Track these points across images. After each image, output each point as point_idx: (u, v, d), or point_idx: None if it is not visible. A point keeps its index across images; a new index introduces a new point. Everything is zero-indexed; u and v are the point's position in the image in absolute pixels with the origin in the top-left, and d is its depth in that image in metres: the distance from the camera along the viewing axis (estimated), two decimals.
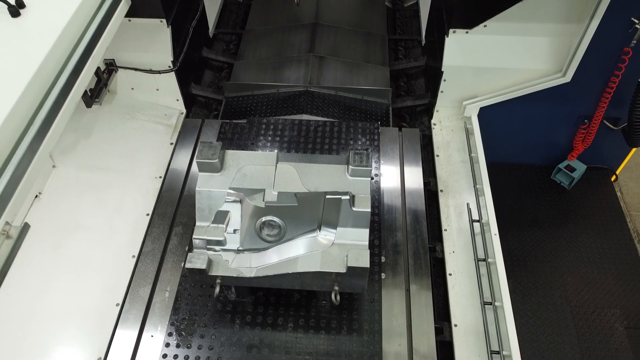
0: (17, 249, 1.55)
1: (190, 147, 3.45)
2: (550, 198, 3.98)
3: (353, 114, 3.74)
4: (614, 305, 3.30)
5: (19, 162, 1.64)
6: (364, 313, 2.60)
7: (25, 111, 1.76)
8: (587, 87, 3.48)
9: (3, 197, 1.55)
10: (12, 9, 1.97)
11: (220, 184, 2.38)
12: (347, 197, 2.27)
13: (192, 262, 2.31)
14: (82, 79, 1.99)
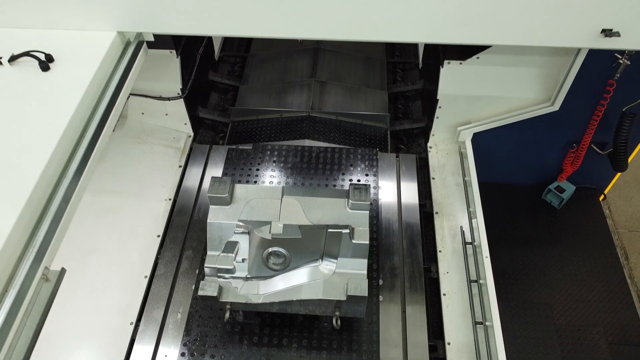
0: (56, 291, 1.74)
1: (199, 172, 3.64)
2: (540, 218, 4.17)
3: (353, 138, 3.93)
4: (599, 322, 3.49)
5: (56, 211, 1.83)
6: (363, 334, 2.79)
7: (59, 161, 1.95)
8: (574, 115, 3.66)
9: (43, 245, 1.74)
10: (42, 64, 2.17)
11: (229, 216, 2.57)
12: (347, 230, 2.46)
13: (204, 290, 2.50)
14: (109, 124, 2.18)
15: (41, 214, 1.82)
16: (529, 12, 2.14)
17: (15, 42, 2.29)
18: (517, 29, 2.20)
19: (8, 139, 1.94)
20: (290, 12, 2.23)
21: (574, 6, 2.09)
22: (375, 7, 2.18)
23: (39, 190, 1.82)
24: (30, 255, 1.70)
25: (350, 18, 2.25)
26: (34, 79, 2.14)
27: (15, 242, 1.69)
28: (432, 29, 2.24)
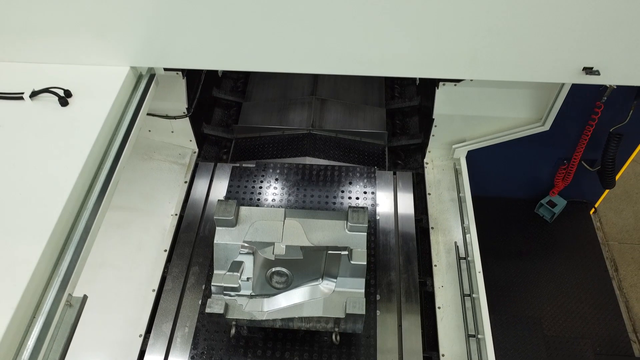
0: (79, 316, 1.89)
1: (205, 189, 3.79)
2: (533, 231, 4.32)
3: (352, 155, 4.09)
4: (587, 334, 3.65)
5: (78, 241, 1.98)
6: (361, 348, 2.95)
7: (79, 193, 2.11)
8: (564, 135, 3.82)
9: (67, 274, 1.89)
10: (61, 100, 2.32)
11: (235, 238, 2.73)
12: (346, 252, 2.62)
13: (211, 308, 2.66)
14: (124, 155, 2.33)
15: (64, 245, 1.97)
16: (515, 52, 2.29)
17: (36, 77, 2.45)
18: (505, 66, 2.36)
19: (32, 172, 2.10)
20: (291, 50, 2.38)
21: (557, 47, 2.24)
22: (373, 45, 2.34)
23: (62, 222, 1.98)
24: (56, 284, 1.85)
25: (349, 55, 2.40)
26: (53, 114, 2.29)
27: (41, 272, 1.85)
28: (427, 65, 2.40)
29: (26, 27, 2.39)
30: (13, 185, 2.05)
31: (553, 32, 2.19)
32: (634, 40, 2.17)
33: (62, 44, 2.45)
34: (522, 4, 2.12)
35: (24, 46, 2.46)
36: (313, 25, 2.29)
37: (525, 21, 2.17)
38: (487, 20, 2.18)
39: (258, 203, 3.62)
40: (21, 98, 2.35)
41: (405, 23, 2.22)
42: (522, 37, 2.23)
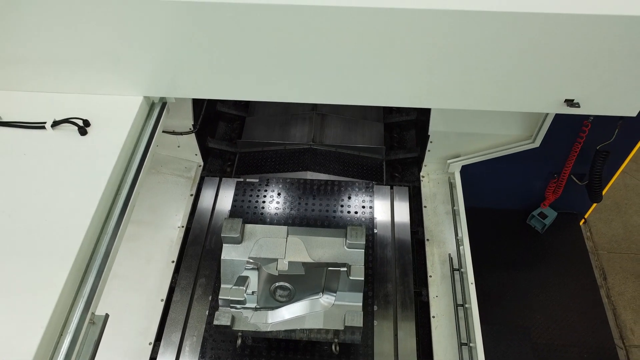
0: (102, 334, 2.07)
1: (210, 204, 3.96)
2: (524, 241, 4.50)
3: (351, 169, 4.27)
4: (576, 342, 3.83)
5: (99, 264, 2.16)
6: (359, 356, 3.13)
7: (100, 218, 2.28)
8: (553, 151, 4.00)
9: (90, 294, 2.07)
10: (81, 129, 2.50)
11: (240, 254, 2.91)
12: (344, 268, 2.80)
13: (219, 320, 2.84)
14: (140, 180, 2.52)
15: (87, 267, 2.15)
16: (502, 86, 2.47)
17: (55, 106, 2.63)
18: (493, 98, 2.54)
19: (55, 199, 2.27)
20: (292, 83, 2.57)
21: (541, 81, 2.43)
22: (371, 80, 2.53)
23: (85, 246, 2.16)
24: (81, 304, 2.03)
25: (347, 88, 2.59)
26: (73, 143, 2.47)
27: (67, 294, 2.03)
28: (421, 97, 2.58)
29: (46, 59, 2.57)
30: (39, 211, 2.23)
31: (537, 69, 2.37)
32: (610, 77, 2.35)
33: (79, 76, 2.62)
34: (508, 47, 2.30)
35: (43, 77, 2.64)
36: (312, 62, 2.47)
37: (511, 59, 2.35)
38: (477, 60, 2.36)
39: (262, 217, 3.80)
40: (43, 127, 2.53)
41: (401, 62, 2.41)
42: (509, 73, 2.41)
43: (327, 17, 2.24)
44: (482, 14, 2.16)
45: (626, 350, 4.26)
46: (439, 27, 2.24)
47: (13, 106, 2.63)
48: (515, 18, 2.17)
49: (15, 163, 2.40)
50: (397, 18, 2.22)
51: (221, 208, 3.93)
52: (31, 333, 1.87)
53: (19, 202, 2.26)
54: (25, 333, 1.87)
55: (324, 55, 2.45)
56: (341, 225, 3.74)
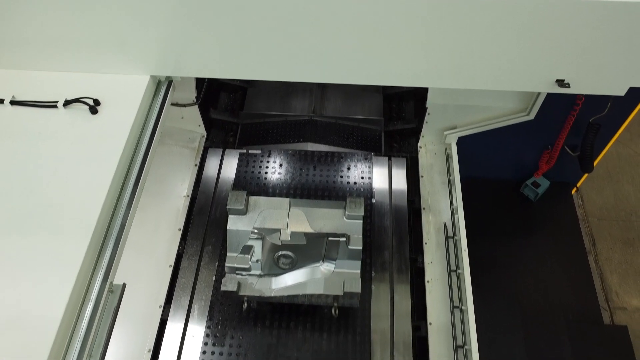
0: (120, 301, 2.25)
1: (214, 174, 4.10)
2: (517, 210, 4.67)
3: (351, 140, 4.39)
4: (561, 304, 4.05)
5: (115, 237, 2.32)
6: (357, 318, 3.34)
7: (114, 194, 2.43)
8: (548, 123, 4.11)
9: (108, 265, 2.23)
10: (91, 109, 2.61)
11: (245, 225, 3.08)
12: (344, 238, 2.97)
13: (226, 286, 3.04)
14: (150, 156, 2.64)
15: (104, 240, 2.31)
16: (496, 66, 2.57)
17: (66, 85, 2.72)
18: (487, 78, 2.64)
19: (71, 177, 2.41)
20: (296, 62, 2.66)
21: (533, 62, 2.52)
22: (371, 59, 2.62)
23: (101, 220, 2.31)
24: (100, 274, 2.20)
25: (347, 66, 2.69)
26: (85, 121, 2.58)
27: (87, 265, 2.19)
28: (417, 77, 2.69)
29: (55, 39, 2.65)
30: (56, 189, 2.37)
31: (529, 50, 2.46)
32: (599, 58, 2.45)
33: (88, 55, 2.71)
34: (502, 29, 2.39)
35: (53, 57, 2.72)
36: (313, 42, 2.56)
37: (505, 41, 2.44)
38: (472, 41, 2.45)
39: (264, 187, 3.95)
40: (55, 106, 2.64)
41: (400, 42, 2.50)
42: (502, 54, 2.51)
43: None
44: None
45: (610, 312, 4.49)
46: (437, 8, 2.33)
47: (25, 85, 2.73)
48: (508, 1, 2.25)
49: (31, 142, 2.53)
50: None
51: (225, 178, 4.07)
52: (56, 302, 2.05)
53: (38, 179, 2.40)
54: (51, 302, 2.05)
55: (325, 36, 2.54)
56: (341, 195, 3.89)
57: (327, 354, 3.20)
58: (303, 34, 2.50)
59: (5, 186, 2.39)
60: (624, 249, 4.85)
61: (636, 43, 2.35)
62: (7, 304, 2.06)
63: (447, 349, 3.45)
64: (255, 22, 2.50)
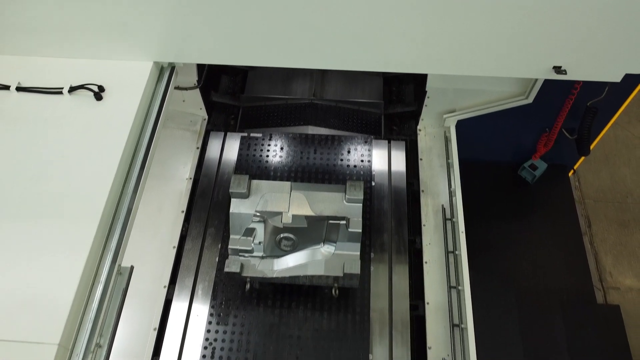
0: (128, 283, 2.33)
1: (216, 158, 4.16)
2: (515, 192, 4.74)
3: (351, 123, 4.44)
4: (556, 286, 4.14)
5: (122, 221, 2.39)
6: (357, 298, 3.44)
7: (120, 179, 2.49)
8: (546, 107, 4.15)
9: (116, 248, 2.31)
10: (96, 95, 2.65)
11: (248, 208, 3.15)
12: (344, 222, 3.05)
13: (229, 267, 3.12)
14: (154, 142, 2.70)
15: (111, 224, 2.39)
16: (495, 53, 2.61)
17: (70, 72, 2.76)
18: (487, 64, 2.68)
19: (78, 163, 2.47)
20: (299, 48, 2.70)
21: (531, 50, 2.57)
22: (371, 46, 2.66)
23: (108, 205, 2.38)
24: (109, 257, 2.28)
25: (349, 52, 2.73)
26: (90, 108, 2.63)
27: (95, 249, 2.27)
28: (417, 64, 2.73)
29: (60, 25, 2.68)
30: (64, 174, 2.43)
31: (527, 37, 2.50)
32: (594, 46, 2.49)
33: (91, 42, 2.74)
34: (500, 15, 2.42)
35: (57, 43, 2.75)
36: (314, 28, 2.59)
37: (503, 28, 2.48)
38: (471, 28, 2.49)
39: (265, 170, 4.01)
40: (60, 93, 2.68)
41: (399, 29, 2.54)
42: (500, 41, 2.54)
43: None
44: None
45: (604, 292, 4.60)
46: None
47: (30, 71, 2.77)
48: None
49: (38, 128, 2.58)
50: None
51: (227, 161, 4.13)
52: (67, 284, 2.13)
53: (46, 165, 2.46)
54: (62, 285, 2.13)
55: (325, 22, 2.57)
56: (341, 178, 3.96)
57: (328, 333, 3.31)
58: (303, 19, 2.54)
59: (14, 171, 2.45)
60: (619, 230, 4.93)
61: (631, 31, 2.39)
62: (21, 287, 2.14)
63: (444, 328, 3.56)
64: (256, 9, 2.53)
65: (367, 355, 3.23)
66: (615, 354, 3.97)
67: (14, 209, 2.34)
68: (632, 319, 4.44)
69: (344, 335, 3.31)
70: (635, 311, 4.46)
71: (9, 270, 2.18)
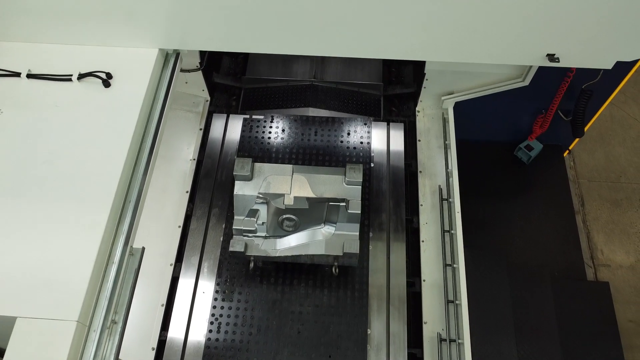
0: (140, 264, 2.46)
1: (219, 139, 4.25)
2: (511, 172, 4.86)
3: (351, 105, 4.52)
4: (548, 261, 4.30)
5: (134, 204, 2.51)
6: (356, 276, 3.59)
7: (130, 163, 2.59)
8: (542, 89, 4.24)
9: (128, 230, 2.44)
10: (105, 82, 2.74)
11: (251, 190, 3.27)
12: (343, 203, 3.17)
13: (234, 247, 3.26)
14: (162, 127, 2.80)
15: (123, 207, 2.51)
16: (491, 40, 2.70)
17: (78, 58, 2.85)
18: (483, 51, 2.77)
19: (90, 149, 2.58)
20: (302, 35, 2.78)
21: (526, 38, 2.65)
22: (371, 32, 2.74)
23: (120, 189, 2.49)
24: (121, 239, 2.41)
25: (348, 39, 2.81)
26: (99, 94, 2.72)
27: (109, 231, 2.40)
28: (414, 50, 2.81)
29: (68, 12, 2.74)
30: (77, 159, 2.54)
31: (521, 26, 2.58)
32: (586, 35, 2.57)
33: (99, 28, 2.81)
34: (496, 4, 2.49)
35: (65, 29, 2.82)
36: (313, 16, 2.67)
37: (498, 16, 2.55)
38: (467, 15, 2.57)
39: (267, 152, 4.12)
40: (70, 80, 2.77)
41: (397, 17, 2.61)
42: (496, 29, 2.63)
43: None
44: None
45: (594, 269, 4.76)
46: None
47: (39, 58, 2.85)
48: None
49: (49, 114, 2.68)
50: None
51: (230, 143, 4.23)
52: (84, 265, 2.27)
53: (59, 151, 2.57)
54: (79, 265, 2.26)
55: (324, 10, 2.64)
56: (341, 159, 4.07)
57: (328, 308, 3.47)
58: (304, 7, 2.61)
59: (28, 156, 2.56)
60: (612, 209, 5.07)
61: (621, 20, 2.47)
62: (41, 266, 2.28)
63: (439, 303, 3.72)
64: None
65: (365, 329, 3.40)
66: (603, 328, 4.15)
67: (30, 192, 2.46)
68: (622, 295, 4.61)
69: (344, 310, 3.47)
70: (624, 288, 4.63)
71: (30, 252, 2.31)
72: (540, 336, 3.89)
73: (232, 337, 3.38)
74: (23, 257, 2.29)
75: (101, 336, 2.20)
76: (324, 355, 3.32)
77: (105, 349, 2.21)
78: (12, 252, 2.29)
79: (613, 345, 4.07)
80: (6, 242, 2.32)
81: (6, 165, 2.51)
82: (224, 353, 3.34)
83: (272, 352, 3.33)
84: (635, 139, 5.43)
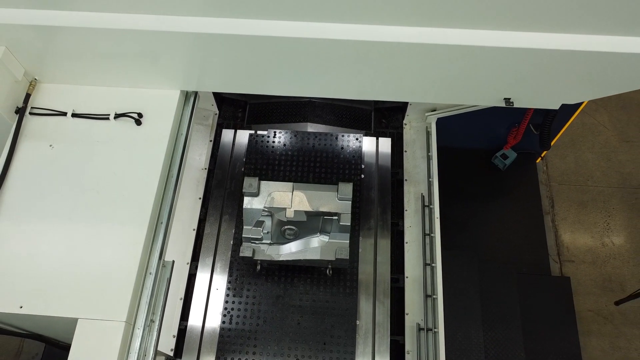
0: (171, 275, 3.06)
1: (228, 152, 4.81)
2: (487, 177, 5.43)
3: (345, 119, 5.07)
4: (516, 258, 4.89)
5: (165, 224, 3.09)
6: (347, 275, 4.20)
7: (160, 189, 3.15)
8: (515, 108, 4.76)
9: (161, 247, 3.02)
10: (137, 121, 3.29)
11: (257, 204, 3.85)
12: (336, 217, 3.76)
13: (243, 252, 3.86)
14: (185, 157, 3.37)
15: (156, 227, 3.09)
16: (458, 87, 3.24)
17: (114, 98, 3.38)
18: (452, 95, 3.32)
19: (128, 178, 3.15)
20: (304, 83, 3.32)
21: (485, 86, 3.19)
22: (360, 81, 3.28)
23: (154, 211, 3.08)
24: (156, 253, 3.00)
25: (341, 84, 3.35)
26: (132, 131, 3.27)
27: (146, 247, 2.99)
28: (396, 94, 3.37)
29: (107, 60, 3.27)
30: (117, 186, 3.11)
31: (483, 79, 3.12)
32: (535, 84, 3.11)
33: (131, 73, 3.35)
34: (461, 63, 3.03)
35: (105, 74, 3.36)
36: (313, 69, 3.21)
37: (465, 73, 3.09)
38: (440, 72, 3.10)
39: (271, 164, 4.67)
40: (107, 119, 3.32)
41: (379, 72, 3.16)
42: (464, 82, 3.17)
43: (320, 46, 2.95)
44: (446, 46, 2.87)
45: (560, 264, 5.36)
46: (412, 54, 2.95)
47: (81, 99, 3.39)
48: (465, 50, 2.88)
49: (92, 149, 3.24)
50: (377, 47, 2.94)
51: (237, 155, 4.78)
52: (128, 275, 2.86)
53: (102, 180, 3.13)
54: (124, 275, 2.85)
55: (320, 63, 3.17)
56: (335, 172, 4.63)
57: (323, 302, 4.09)
58: (303, 64, 3.15)
59: (77, 184, 3.13)
60: (578, 209, 5.64)
61: (561, 75, 3.01)
62: (95, 277, 2.86)
63: (419, 297, 4.31)
64: (264, 53, 3.12)
65: (354, 320, 4.03)
66: (563, 317, 4.78)
67: (81, 216, 3.04)
68: (583, 287, 5.23)
69: (336, 304, 4.09)
70: (586, 281, 5.24)
71: (85, 266, 2.90)
72: (505, 324, 4.52)
73: (242, 327, 4.01)
74: (81, 270, 2.88)
75: (143, 332, 2.81)
76: (319, 342, 3.95)
77: (146, 342, 2.82)
78: (72, 265, 2.89)
79: (570, 331, 4.70)
80: (66, 257, 2.91)
81: (61, 192, 3.09)
82: (235, 340, 3.97)
83: (275, 339, 3.96)
84: (603, 144, 5.98)
